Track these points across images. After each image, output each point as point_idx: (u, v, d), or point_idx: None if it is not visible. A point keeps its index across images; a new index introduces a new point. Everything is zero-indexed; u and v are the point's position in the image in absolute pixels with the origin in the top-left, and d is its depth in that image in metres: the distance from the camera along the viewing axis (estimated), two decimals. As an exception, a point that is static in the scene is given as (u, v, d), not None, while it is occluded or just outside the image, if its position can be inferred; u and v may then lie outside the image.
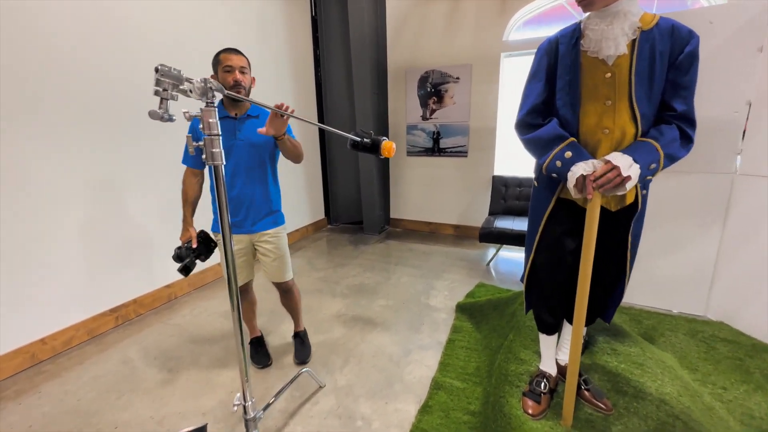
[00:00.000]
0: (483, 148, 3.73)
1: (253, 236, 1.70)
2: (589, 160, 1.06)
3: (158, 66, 0.89)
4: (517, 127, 1.23)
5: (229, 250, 1.10)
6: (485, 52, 3.48)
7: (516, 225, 3.04)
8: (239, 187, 1.61)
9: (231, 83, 1.49)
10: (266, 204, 1.69)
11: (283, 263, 1.78)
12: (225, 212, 1.07)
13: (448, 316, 2.34)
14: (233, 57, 1.51)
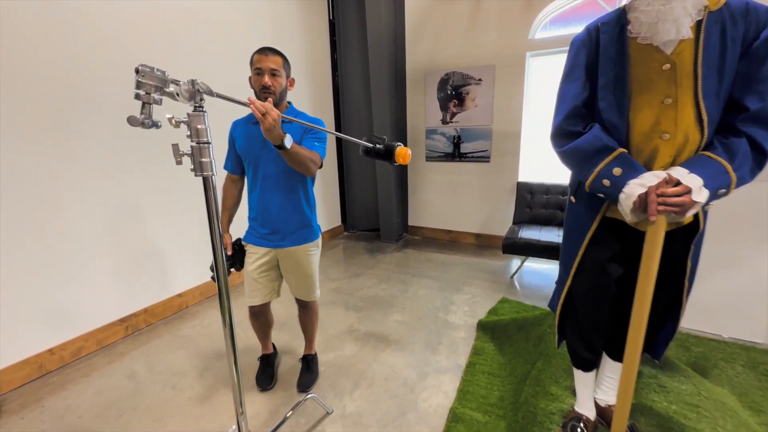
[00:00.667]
0: (507, 152, 3.53)
1: (279, 251, 1.56)
2: (646, 174, 0.87)
3: (138, 66, 0.79)
4: (554, 137, 1.03)
5: (221, 263, 0.99)
6: (509, 52, 3.30)
7: (543, 235, 2.82)
8: (267, 197, 1.49)
9: (260, 87, 1.38)
10: (297, 217, 1.54)
11: (310, 283, 1.65)
12: (215, 221, 0.96)
13: (468, 335, 2.16)
14: (264, 58, 1.37)
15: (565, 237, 1.12)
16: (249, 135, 1.48)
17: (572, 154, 0.94)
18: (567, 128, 0.96)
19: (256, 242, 1.57)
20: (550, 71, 3.28)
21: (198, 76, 0.86)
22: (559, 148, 0.99)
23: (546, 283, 2.86)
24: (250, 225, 1.59)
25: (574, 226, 1.06)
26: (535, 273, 3.09)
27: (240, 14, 2.84)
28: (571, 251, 1.07)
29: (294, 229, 1.54)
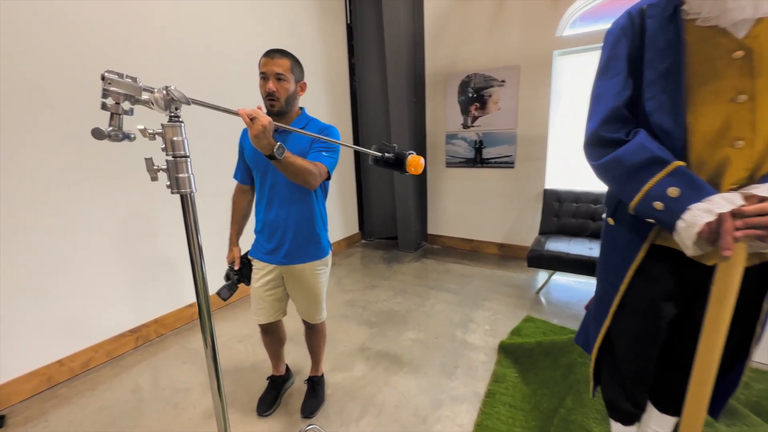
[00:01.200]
0: (532, 158, 3.31)
1: (284, 269, 1.46)
2: (715, 197, 0.67)
3: (104, 73, 0.71)
4: (588, 146, 0.85)
5: (200, 280, 0.89)
6: (535, 51, 3.10)
7: (572, 248, 2.59)
8: (274, 210, 1.39)
9: (263, 95, 1.29)
10: (307, 232, 1.42)
11: (315, 304, 1.53)
12: (195, 242, 0.86)
13: (488, 358, 1.98)
14: (269, 61, 1.26)
15: (602, 266, 0.93)
16: None
17: (612, 168, 0.76)
18: (605, 135, 0.78)
19: (261, 258, 1.47)
20: (580, 70, 3.05)
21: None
22: (594, 160, 0.81)
23: (576, 300, 2.62)
24: (256, 239, 1.51)
25: (613, 254, 0.87)
26: (564, 288, 2.86)
27: (256, 19, 2.80)
28: (609, 284, 0.88)
29: (301, 245, 1.42)
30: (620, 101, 0.77)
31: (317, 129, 1.39)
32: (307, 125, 1.41)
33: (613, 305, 0.85)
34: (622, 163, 0.74)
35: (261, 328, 1.59)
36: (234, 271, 1.53)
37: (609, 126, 0.77)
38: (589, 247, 2.61)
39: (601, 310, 0.91)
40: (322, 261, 1.49)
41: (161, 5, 2.20)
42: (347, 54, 3.90)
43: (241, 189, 1.56)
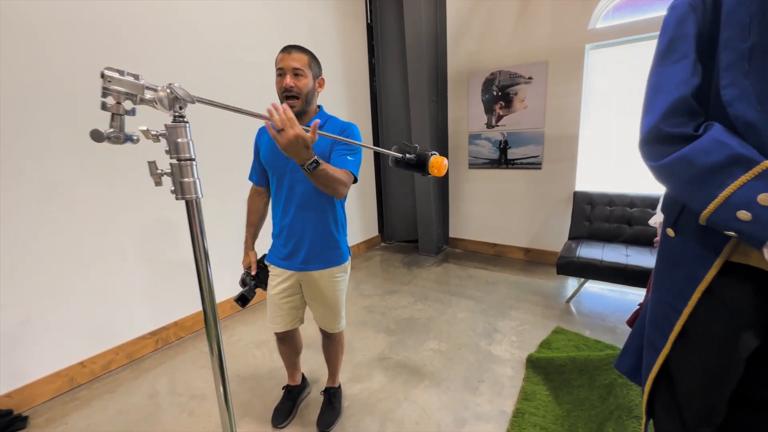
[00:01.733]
0: (561, 158, 3.13)
1: (302, 275, 1.39)
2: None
3: (104, 70, 0.65)
4: (647, 143, 0.72)
5: (206, 287, 0.84)
6: (565, 46, 2.93)
7: (607, 254, 2.42)
8: (291, 214, 1.33)
9: (281, 91, 1.23)
10: (326, 237, 1.36)
11: (334, 313, 1.46)
12: (200, 249, 0.81)
13: (516, 372, 1.85)
14: (286, 56, 1.21)
15: (659, 285, 0.79)
16: (274, 145, 1.33)
17: (677, 170, 0.63)
18: (668, 130, 0.65)
19: (278, 263, 1.42)
20: (615, 65, 2.85)
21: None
22: (654, 160, 0.68)
23: (610, 311, 2.44)
24: (273, 243, 1.45)
25: (675, 272, 0.74)
26: (596, 298, 2.67)
27: (275, 20, 2.78)
28: (668, 306, 0.75)
29: (320, 251, 1.36)
30: (688, 90, 0.64)
31: (337, 128, 1.33)
32: (326, 124, 1.34)
33: (674, 332, 0.73)
34: (691, 164, 0.61)
35: (276, 336, 1.54)
36: (251, 276, 1.48)
37: (673, 119, 0.65)
38: (626, 253, 2.43)
39: (656, 335, 0.78)
40: (341, 267, 1.42)
41: (180, 6, 2.20)
42: (367, 54, 3.84)
43: (256, 191, 1.51)
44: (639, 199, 2.71)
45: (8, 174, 1.64)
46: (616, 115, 2.90)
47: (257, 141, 1.42)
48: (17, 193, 1.68)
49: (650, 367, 0.79)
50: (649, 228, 2.61)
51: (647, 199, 2.68)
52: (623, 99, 2.85)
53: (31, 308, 1.76)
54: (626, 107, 2.84)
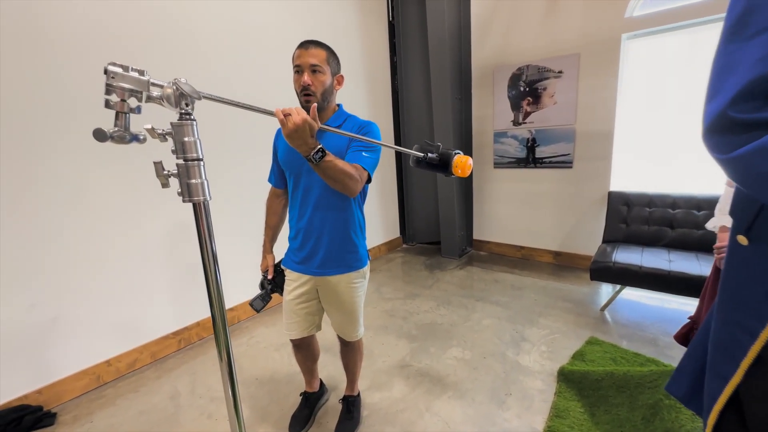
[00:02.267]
0: (594, 156, 2.95)
1: (319, 280, 1.34)
2: None
3: (107, 66, 0.62)
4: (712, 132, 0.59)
5: (215, 292, 0.79)
6: (599, 36, 2.75)
7: (646, 260, 2.24)
8: (307, 216, 1.28)
9: (299, 89, 1.17)
10: (343, 240, 1.30)
11: (352, 320, 1.41)
12: (208, 243, 0.77)
13: (547, 386, 1.73)
14: (303, 53, 1.15)
15: (726, 302, 0.67)
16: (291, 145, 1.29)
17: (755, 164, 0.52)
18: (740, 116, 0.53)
19: (294, 267, 1.37)
20: (655, 56, 2.65)
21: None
22: (722, 151, 0.56)
23: (650, 321, 2.25)
24: (290, 246, 1.41)
25: (748, 287, 0.62)
26: (633, 306, 2.48)
27: (296, 19, 2.76)
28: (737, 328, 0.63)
29: (337, 255, 1.30)
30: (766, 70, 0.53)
31: (356, 126, 1.26)
32: (344, 122, 1.28)
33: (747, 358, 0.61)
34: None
35: (292, 343, 1.49)
36: (268, 280, 1.45)
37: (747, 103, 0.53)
38: (668, 258, 2.24)
39: (723, 360, 0.66)
40: (359, 273, 1.36)
41: (201, 7, 2.21)
42: (389, 52, 3.77)
43: (275, 193, 1.48)
44: (682, 199, 2.50)
45: (39, 177, 1.69)
46: (655, 109, 2.70)
47: (275, 142, 1.39)
48: (47, 196, 1.72)
49: (715, 397, 0.67)
50: (694, 231, 2.40)
51: (692, 200, 2.47)
52: (664, 92, 2.64)
53: (59, 307, 1.80)
54: (667, 101, 2.63)
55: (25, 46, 1.61)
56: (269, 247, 1.49)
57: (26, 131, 1.64)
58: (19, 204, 1.65)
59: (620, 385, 1.53)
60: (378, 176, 3.77)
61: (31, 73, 1.63)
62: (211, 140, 2.31)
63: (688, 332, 1.46)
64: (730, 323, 0.66)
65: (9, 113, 1.59)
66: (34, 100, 1.65)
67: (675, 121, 2.62)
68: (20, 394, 1.71)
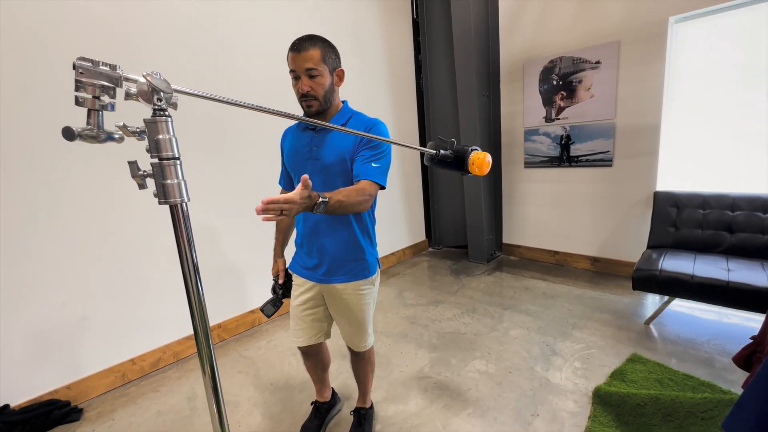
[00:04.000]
0: (638, 153, 2.69)
1: (325, 287, 1.29)
2: None
3: (75, 61, 0.58)
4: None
5: (196, 303, 0.74)
6: (642, 21, 2.50)
7: (701, 268, 1.98)
8: (313, 221, 1.22)
9: (298, 96, 1.12)
10: (350, 247, 1.23)
11: (359, 330, 1.34)
12: (187, 250, 0.72)
13: (580, 408, 1.56)
14: (296, 57, 1.08)
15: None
16: (295, 145, 1.25)
17: None
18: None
19: (300, 272, 1.33)
20: (709, 39, 2.36)
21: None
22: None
23: (705, 338, 1.99)
24: (297, 251, 1.36)
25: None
26: (684, 320, 2.21)
27: (318, 18, 2.75)
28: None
29: (343, 262, 1.24)
30: None
31: (363, 125, 1.19)
32: (349, 120, 1.20)
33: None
34: None
35: (300, 350, 1.44)
36: (279, 285, 1.41)
37: None
38: (727, 267, 1.97)
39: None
40: (368, 281, 1.28)
41: (223, 8, 2.24)
42: (413, 51, 3.68)
43: None
44: (744, 200, 2.21)
45: (72, 181, 1.76)
46: (709, 100, 2.41)
47: (282, 143, 1.34)
48: (78, 199, 1.79)
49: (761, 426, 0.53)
50: (758, 236, 2.10)
51: (756, 200, 2.17)
52: (720, 80, 2.35)
53: (89, 306, 1.87)
54: (725, 89, 2.34)
55: (23, 44, 1.69)
56: (280, 251, 1.46)
57: (52, 134, 1.72)
58: (54, 207, 1.73)
59: (667, 412, 1.33)
60: (403, 177, 3.68)
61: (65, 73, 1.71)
62: (232, 139, 2.33)
63: (750, 355, 1.24)
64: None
65: (38, 114, 1.67)
66: (64, 102, 1.73)
67: (733, 112, 2.32)
68: (51, 389, 1.79)
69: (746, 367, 1.27)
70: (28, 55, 1.62)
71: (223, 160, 2.31)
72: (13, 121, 1.61)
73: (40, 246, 1.71)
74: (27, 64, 1.62)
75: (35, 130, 1.66)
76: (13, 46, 1.58)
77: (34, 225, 1.69)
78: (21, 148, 1.64)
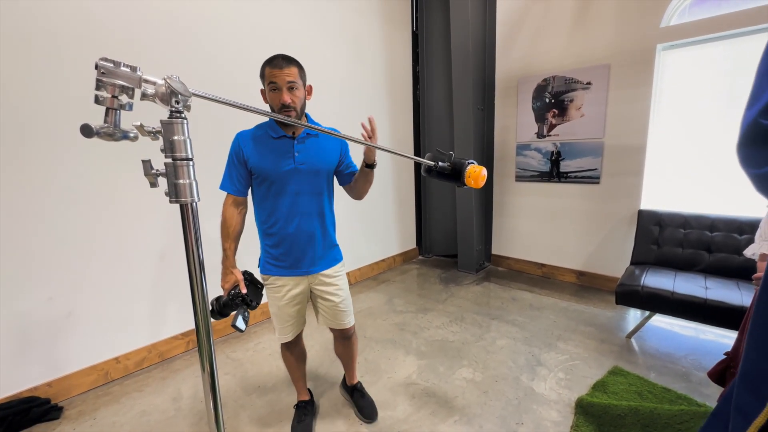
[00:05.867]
0: (624, 172, 2.79)
1: (312, 278, 1.43)
2: None
3: (98, 61, 0.61)
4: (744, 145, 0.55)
5: (200, 299, 0.75)
6: (632, 46, 2.62)
7: (680, 285, 2.06)
8: (297, 221, 1.34)
9: (279, 106, 1.21)
10: (326, 238, 1.42)
11: (346, 306, 1.51)
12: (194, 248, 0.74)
13: (563, 417, 1.60)
14: (278, 72, 1.19)
15: (758, 334, 0.58)
16: (272, 152, 1.27)
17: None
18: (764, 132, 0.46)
19: (282, 273, 1.38)
20: (693, 68, 2.49)
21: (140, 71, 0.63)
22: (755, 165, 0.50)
23: (683, 353, 2.07)
24: (271, 254, 1.38)
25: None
26: (664, 335, 2.29)
27: (319, 29, 2.79)
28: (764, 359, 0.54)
29: (324, 252, 1.42)
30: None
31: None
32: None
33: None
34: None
35: (286, 346, 1.52)
36: (241, 296, 1.24)
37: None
38: (705, 285, 2.05)
39: (748, 398, 0.56)
40: (342, 263, 1.51)
41: (228, 17, 2.26)
42: (411, 62, 3.76)
43: (236, 202, 1.34)
44: (722, 221, 2.31)
45: (61, 178, 1.75)
46: (694, 124, 2.52)
47: (241, 149, 1.30)
48: (68, 195, 1.77)
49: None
50: (734, 257, 2.20)
51: (733, 222, 2.27)
52: (704, 107, 2.47)
53: (75, 302, 1.85)
54: (708, 116, 2.46)
55: (21, 43, 1.68)
56: (234, 261, 1.34)
57: (47, 130, 1.71)
58: (45, 200, 1.71)
59: (646, 423, 1.38)
60: (396, 185, 3.73)
61: (70, 75, 1.70)
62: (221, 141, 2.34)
63: (724, 370, 1.31)
64: (760, 357, 0.57)
65: (33, 111, 1.66)
66: (64, 103, 1.72)
67: (716, 137, 2.44)
68: (31, 386, 1.75)
69: (720, 382, 1.33)
70: (27, 54, 1.62)
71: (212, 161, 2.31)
72: (3, 115, 1.60)
73: (28, 239, 1.68)
74: (27, 63, 1.62)
75: (26, 126, 1.65)
76: (13, 46, 1.58)
77: (23, 218, 1.67)
78: (11, 143, 1.62)
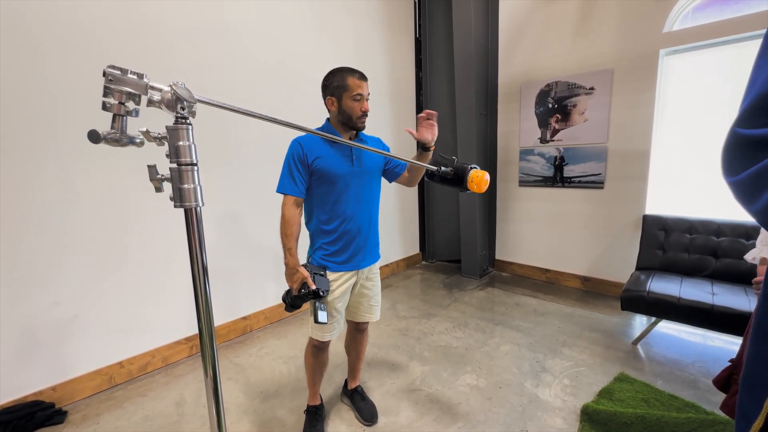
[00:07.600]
0: (628, 177, 2.78)
1: (361, 273, 1.49)
2: None
3: (106, 69, 0.62)
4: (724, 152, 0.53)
5: (203, 304, 0.76)
6: (635, 52, 2.62)
7: (687, 291, 2.04)
8: (357, 219, 1.42)
9: (360, 113, 1.36)
10: (375, 235, 1.53)
11: (378, 300, 1.60)
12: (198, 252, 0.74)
13: (568, 425, 1.58)
14: (364, 85, 1.35)
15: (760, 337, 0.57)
16: (336, 155, 1.37)
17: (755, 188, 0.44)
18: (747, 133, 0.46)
19: (338, 268, 1.42)
20: (697, 73, 2.49)
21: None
22: (731, 173, 0.49)
23: (691, 359, 2.04)
24: (327, 250, 1.42)
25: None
26: (671, 341, 2.26)
27: (324, 35, 2.83)
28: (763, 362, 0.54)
29: (373, 246, 1.52)
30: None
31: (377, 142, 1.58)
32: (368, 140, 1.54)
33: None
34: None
35: (319, 348, 1.52)
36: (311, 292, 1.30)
37: (756, 119, 0.45)
38: (711, 291, 2.03)
39: (750, 401, 0.55)
40: (380, 259, 1.60)
41: (234, 25, 2.30)
42: (414, 68, 3.79)
43: (296, 202, 1.38)
44: (728, 226, 2.29)
45: (66, 182, 1.77)
46: (697, 129, 2.51)
47: (305, 153, 1.34)
48: (74, 200, 1.80)
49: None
50: (741, 262, 2.18)
51: (739, 227, 2.25)
52: (708, 111, 2.46)
53: (80, 306, 1.86)
54: (710, 120, 2.45)
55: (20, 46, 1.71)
56: (298, 260, 1.38)
57: (54, 134, 1.74)
58: (53, 205, 1.73)
59: (653, 431, 1.36)
60: (399, 190, 3.73)
61: (75, 81, 1.74)
62: (226, 148, 2.37)
63: (728, 377, 1.29)
64: (761, 360, 0.56)
65: (36, 113, 1.69)
66: (72, 108, 1.75)
67: (720, 142, 2.41)
68: (36, 390, 1.76)
69: (725, 389, 1.31)
70: (26, 54, 1.65)
71: (216, 168, 2.34)
72: (12, 119, 1.62)
73: (35, 243, 1.70)
74: (26, 63, 1.65)
75: (33, 130, 1.68)
76: (14, 46, 1.61)
77: (30, 221, 1.69)
78: (19, 146, 1.65)
